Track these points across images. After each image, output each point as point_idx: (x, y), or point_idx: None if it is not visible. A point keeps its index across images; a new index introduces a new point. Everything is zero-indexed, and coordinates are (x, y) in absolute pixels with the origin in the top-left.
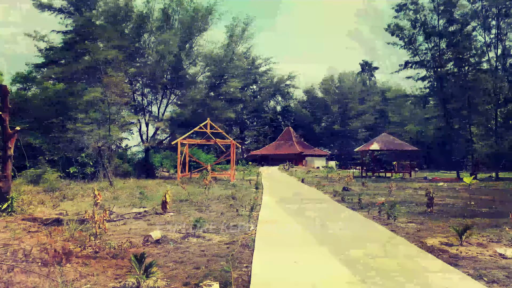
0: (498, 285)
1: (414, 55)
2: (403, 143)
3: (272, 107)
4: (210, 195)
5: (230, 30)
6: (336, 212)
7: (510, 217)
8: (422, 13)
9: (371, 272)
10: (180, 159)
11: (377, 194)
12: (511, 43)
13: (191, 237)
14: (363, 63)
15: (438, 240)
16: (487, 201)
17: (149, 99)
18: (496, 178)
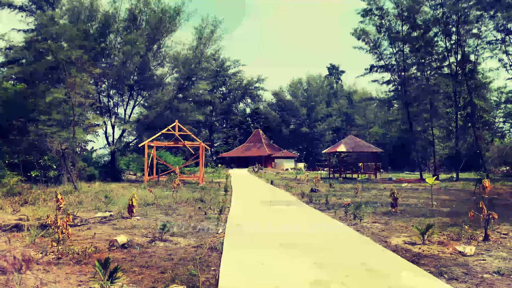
0: (458, 281)
1: (379, 59)
2: (368, 145)
3: (242, 109)
4: (178, 198)
5: (199, 32)
6: (303, 213)
7: (469, 216)
8: (386, 18)
9: (337, 272)
10: (147, 162)
11: (344, 195)
12: (470, 49)
13: (158, 241)
14: (330, 66)
15: (401, 239)
16: (448, 201)
17: (115, 100)
18: (456, 179)
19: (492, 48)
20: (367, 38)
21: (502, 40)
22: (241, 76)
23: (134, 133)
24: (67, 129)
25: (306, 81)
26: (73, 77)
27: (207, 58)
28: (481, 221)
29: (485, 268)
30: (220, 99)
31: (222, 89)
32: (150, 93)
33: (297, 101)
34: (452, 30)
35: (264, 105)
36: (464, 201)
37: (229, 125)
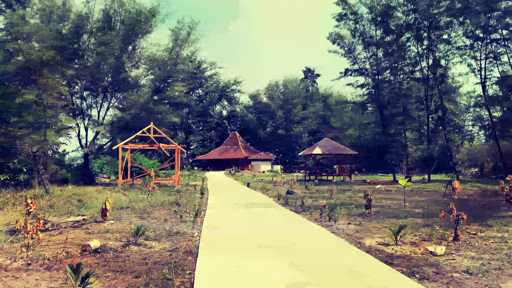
0: (429, 281)
1: (353, 63)
2: (343, 147)
3: (218, 111)
4: (153, 202)
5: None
6: (279, 215)
7: (440, 217)
8: (361, 23)
9: (313, 274)
10: (122, 164)
11: (319, 197)
12: (440, 54)
13: (132, 245)
14: (306, 70)
15: (375, 240)
16: (420, 202)
17: (89, 102)
18: (428, 180)
19: (462, 54)
20: (342, 42)
21: (471, 46)
22: (218, 79)
23: (108, 135)
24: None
25: (283, 84)
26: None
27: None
28: (451, 222)
29: (455, 268)
30: (197, 101)
31: (199, 91)
32: (125, 95)
33: (274, 104)
34: (423, 35)
35: (241, 107)
36: (435, 202)
37: (206, 128)
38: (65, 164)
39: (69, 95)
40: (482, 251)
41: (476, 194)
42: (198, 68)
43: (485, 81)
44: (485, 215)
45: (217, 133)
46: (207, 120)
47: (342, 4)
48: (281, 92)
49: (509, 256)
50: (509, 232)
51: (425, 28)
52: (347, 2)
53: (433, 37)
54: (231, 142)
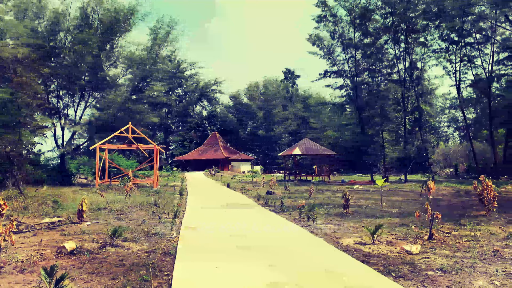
0: (404, 279)
1: (332, 65)
2: (323, 148)
3: (198, 112)
4: (131, 203)
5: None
6: (259, 216)
7: (416, 216)
8: (340, 25)
9: (292, 274)
10: (99, 165)
11: (299, 197)
12: (417, 57)
13: (109, 246)
14: (286, 71)
15: (353, 240)
16: (397, 202)
17: (66, 101)
18: (405, 180)
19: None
20: (322, 44)
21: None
22: (198, 78)
23: (85, 135)
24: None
25: (263, 85)
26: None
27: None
28: (426, 221)
29: (429, 266)
30: (176, 101)
31: (178, 91)
32: (102, 94)
33: (254, 104)
34: (401, 38)
35: (221, 108)
36: (411, 202)
37: (185, 128)
38: (41, 165)
39: (45, 94)
40: (455, 249)
41: (450, 194)
42: (178, 68)
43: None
44: (459, 215)
45: (197, 133)
46: (187, 120)
47: (322, 6)
48: (261, 92)
49: (481, 254)
50: (481, 231)
51: (402, 31)
52: (326, 4)
53: (410, 40)
54: (211, 142)
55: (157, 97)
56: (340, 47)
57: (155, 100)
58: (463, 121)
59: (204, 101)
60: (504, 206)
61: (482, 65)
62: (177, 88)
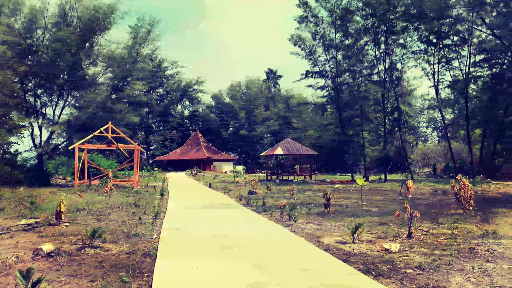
0: (383, 277)
1: (314, 65)
2: (304, 148)
3: (180, 111)
4: (111, 203)
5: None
6: (240, 216)
7: (395, 215)
8: (321, 26)
9: (273, 274)
10: (78, 165)
11: (280, 197)
12: (396, 58)
13: (88, 248)
14: (268, 71)
15: (334, 239)
16: (377, 201)
17: (43, 100)
18: (385, 180)
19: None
20: (303, 45)
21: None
22: (180, 78)
23: (63, 135)
24: None
25: (245, 85)
26: None
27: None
28: (406, 220)
29: (408, 264)
30: (157, 100)
31: (159, 90)
32: (82, 93)
33: (236, 104)
34: (381, 39)
35: (203, 107)
36: (391, 201)
37: (167, 128)
38: (18, 165)
39: (22, 92)
40: (433, 247)
41: (428, 193)
42: (159, 67)
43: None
44: (437, 213)
45: (179, 133)
46: (168, 120)
47: (303, 6)
48: (243, 92)
49: (458, 252)
50: (458, 229)
51: (383, 33)
52: (308, 5)
53: (390, 41)
54: (193, 142)
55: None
56: (322, 47)
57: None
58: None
59: (186, 100)
60: (480, 204)
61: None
62: (158, 88)
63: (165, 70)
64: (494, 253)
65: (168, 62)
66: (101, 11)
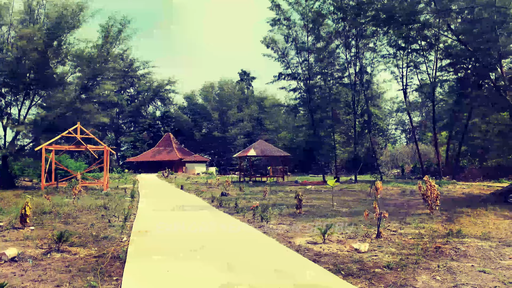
0: (353, 277)
1: (286, 67)
2: (277, 149)
3: (151, 112)
4: (79, 206)
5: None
6: (212, 217)
7: (365, 215)
8: (293, 29)
9: (244, 275)
10: (45, 167)
11: (253, 198)
12: (367, 62)
13: (54, 252)
14: (242, 72)
15: (305, 239)
16: (347, 202)
17: (8, 99)
18: (355, 181)
19: (386, 62)
20: (276, 47)
21: (394, 55)
22: (151, 78)
23: (30, 135)
24: None
25: (219, 86)
26: None
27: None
28: (375, 220)
29: (377, 263)
30: (128, 101)
31: (130, 90)
32: (49, 93)
33: (209, 105)
34: (352, 43)
35: (175, 108)
36: (361, 202)
37: (138, 129)
38: None
39: None
40: (401, 246)
41: (397, 194)
42: (130, 67)
43: (406, 88)
44: (405, 213)
45: (150, 134)
46: (139, 120)
47: (276, 9)
48: (216, 93)
49: (424, 251)
50: (425, 228)
51: (353, 36)
52: (280, 8)
53: (360, 45)
54: (164, 143)
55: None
56: (294, 50)
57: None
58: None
59: (158, 101)
60: (446, 204)
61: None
62: (129, 88)
63: (136, 70)
64: (458, 252)
65: (139, 62)
66: (69, 9)
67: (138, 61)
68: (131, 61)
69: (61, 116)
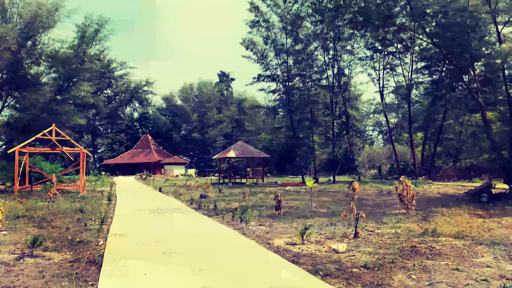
0: (331, 277)
1: (266, 69)
2: (257, 151)
3: (129, 113)
4: (54, 209)
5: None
6: (191, 220)
7: (342, 216)
8: (272, 31)
9: (222, 278)
10: (19, 170)
11: (232, 200)
12: (344, 64)
13: (27, 257)
14: (221, 73)
15: (283, 240)
16: (326, 202)
17: None
18: (333, 181)
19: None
20: (255, 49)
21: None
22: (129, 79)
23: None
24: None
25: (198, 87)
26: None
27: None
28: (352, 220)
29: (354, 263)
30: (105, 102)
31: (108, 91)
32: (23, 94)
33: (188, 107)
34: (330, 45)
35: (154, 109)
36: (339, 202)
37: (115, 130)
38: None
39: None
40: (378, 246)
41: (374, 194)
42: (107, 68)
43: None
44: (382, 213)
45: (128, 136)
46: (117, 122)
47: (255, 11)
48: (195, 95)
49: (400, 250)
50: (401, 228)
51: (331, 39)
52: (259, 10)
53: (338, 47)
54: (142, 145)
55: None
56: (273, 52)
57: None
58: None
59: (135, 102)
60: (422, 204)
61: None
62: (106, 89)
63: (113, 71)
64: (433, 251)
65: (117, 63)
66: (44, 8)
67: (116, 62)
68: (108, 62)
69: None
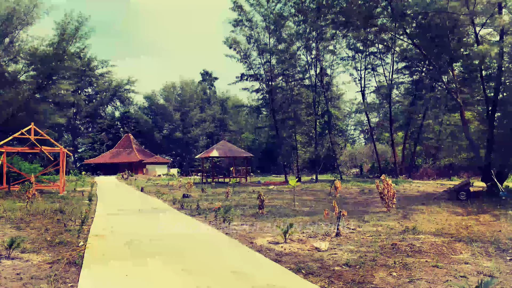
0: (313, 276)
1: (249, 68)
2: (240, 150)
3: (110, 112)
4: (33, 210)
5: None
6: (174, 220)
7: (324, 214)
8: (256, 30)
9: (204, 278)
10: None
11: (215, 199)
12: (327, 64)
13: (4, 259)
14: (204, 72)
15: (266, 239)
16: (308, 201)
17: None
18: (316, 180)
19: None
20: (238, 48)
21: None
22: (110, 77)
23: None
24: None
25: (180, 86)
26: None
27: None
28: (334, 218)
29: (336, 261)
30: (86, 101)
31: (88, 90)
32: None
33: (170, 106)
34: (312, 45)
35: (135, 108)
36: (321, 201)
37: (96, 129)
38: None
39: None
40: (360, 244)
41: (356, 193)
42: (88, 66)
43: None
44: (363, 212)
45: (109, 135)
46: (98, 121)
47: (238, 10)
48: (178, 94)
49: (381, 248)
50: (382, 226)
51: (314, 39)
52: (242, 9)
53: (320, 47)
54: (124, 145)
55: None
56: (256, 51)
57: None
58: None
59: (117, 101)
60: (402, 202)
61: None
62: (87, 87)
63: (94, 69)
64: (413, 248)
65: (98, 61)
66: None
67: (97, 60)
68: (89, 60)
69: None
